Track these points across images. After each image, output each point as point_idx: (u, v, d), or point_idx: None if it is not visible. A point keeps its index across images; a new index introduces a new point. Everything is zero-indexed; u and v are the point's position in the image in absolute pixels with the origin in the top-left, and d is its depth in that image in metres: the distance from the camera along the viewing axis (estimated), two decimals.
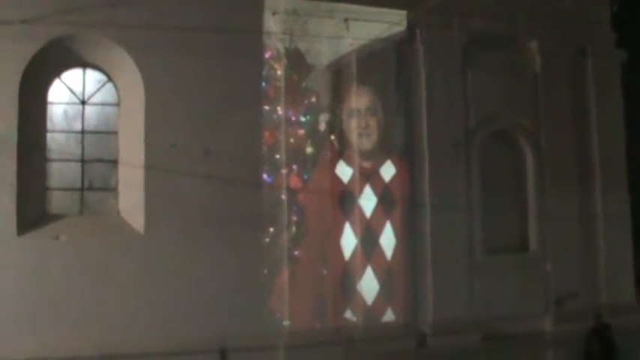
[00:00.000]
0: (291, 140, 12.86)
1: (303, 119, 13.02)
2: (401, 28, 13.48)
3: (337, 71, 13.21)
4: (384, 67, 13.46)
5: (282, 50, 12.89)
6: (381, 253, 13.24)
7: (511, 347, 13.65)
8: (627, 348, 14.22)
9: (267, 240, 12.62)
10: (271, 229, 12.62)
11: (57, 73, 12.36)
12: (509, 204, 14.44)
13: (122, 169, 12.33)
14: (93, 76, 12.57)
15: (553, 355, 14.12)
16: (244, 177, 12.22)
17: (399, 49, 13.57)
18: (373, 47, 13.20)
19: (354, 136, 13.33)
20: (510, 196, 14.53)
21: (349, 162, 13.27)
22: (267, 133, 12.75)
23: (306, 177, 12.97)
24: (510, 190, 14.56)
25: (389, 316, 13.22)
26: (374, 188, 13.29)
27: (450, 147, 13.64)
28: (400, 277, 13.32)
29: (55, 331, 11.44)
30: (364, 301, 13.05)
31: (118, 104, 12.57)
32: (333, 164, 13.18)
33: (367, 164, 13.37)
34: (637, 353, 14.52)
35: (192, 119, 12.29)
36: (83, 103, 12.50)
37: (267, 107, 12.80)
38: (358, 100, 13.34)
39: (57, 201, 12.32)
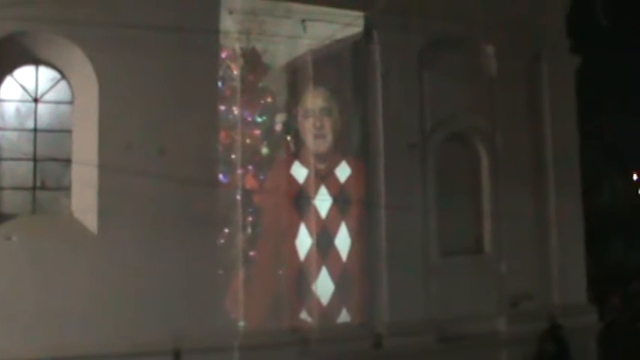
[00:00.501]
0: (247, 140, 12.77)
1: (259, 119, 12.95)
2: (358, 28, 13.47)
3: (294, 71, 13.18)
4: (340, 67, 13.47)
5: (238, 50, 12.79)
6: (337, 253, 13.24)
7: (466, 348, 13.74)
8: (580, 348, 14.45)
9: (223, 241, 12.51)
10: (226, 230, 12.52)
11: (9, 70, 12.11)
12: (465, 205, 14.53)
13: (75, 168, 12.14)
14: (46, 74, 12.34)
15: (507, 355, 14.20)
16: (200, 177, 12.12)
17: (355, 49, 13.56)
18: (330, 48, 13.18)
19: (309, 137, 13.31)
20: (466, 197, 14.62)
21: (304, 163, 13.24)
22: (223, 133, 12.66)
23: (261, 177, 12.90)
24: (466, 191, 14.64)
25: (344, 316, 13.21)
26: (329, 189, 13.28)
27: (406, 148, 13.65)
28: (356, 278, 13.32)
29: (7, 334, 11.23)
30: (319, 302, 13.03)
31: (71, 102, 12.38)
32: (288, 165, 13.14)
33: (322, 165, 13.35)
34: (589, 353, 14.76)
35: (147, 118, 12.13)
36: (36, 100, 12.30)
37: (223, 107, 12.71)
38: (314, 100, 13.33)
39: (8, 200, 12.08)
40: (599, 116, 21.09)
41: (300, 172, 13.22)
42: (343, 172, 13.46)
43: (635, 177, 29.85)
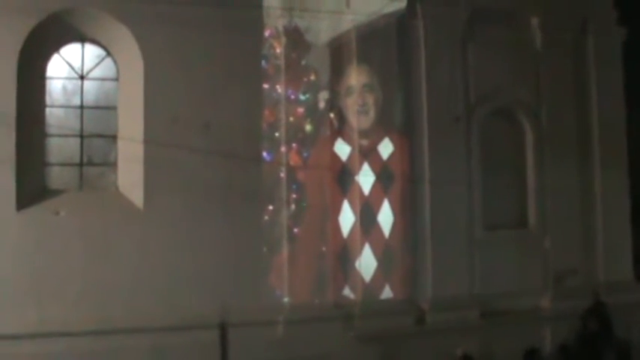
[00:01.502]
0: (291, 118, 12.83)
1: (302, 97, 12.99)
2: (402, 3, 13.40)
3: (337, 48, 13.14)
4: (384, 43, 13.38)
5: (281, 28, 12.82)
6: (380, 230, 13.26)
7: (509, 323, 13.72)
8: (624, 326, 14.29)
9: (267, 217, 12.63)
10: (270, 207, 12.64)
11: (56, 47, 12.28)
12: (509, 180, 14.46)
13: (121, 144, 12.31)
14: (92, 51, 12.50)
15: (550, 331, 14.13)
16: (244, 153, 12.25)
17: (399, 24, 13.48)
18: (373, 23, 13.14)
19: (352, 114, 13.29)
20: (510, 172, 14.54)
21: (347, 140, 13.26)
22: (266, 111, 12.73)
23: (305, 154, 12.96)
24: (510, 166, 14.56)
25: (387, 293, 13.28)
26: (372, 165, 13.29)
27: (450, 122, 13.61)
28: (398, 254, 13.36)
29: (56, 306, 11.49)
30: (362, 278, 13.11)
31: (117, 79, 12.50)
32: (331, 142, 13.17)
33: (365, 142, 13.35)
34: (633, 331, 14.59)
35: (191, 94, 12.25)
36: (82, 78, 12.44)
37: (266, 85, 12.75)
38: (357, 77, 13.29)
39: (56, 176, 12.31)
40: None
41: (343, 149, 13.23)
42: (386, 148, 13.45)
43: None
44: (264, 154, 12.68)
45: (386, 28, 13.34)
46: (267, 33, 12.79)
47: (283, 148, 12.77)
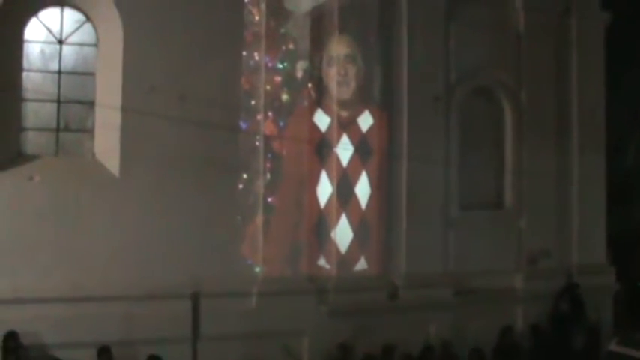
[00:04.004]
0: (267, 87, 12.74)
1: (279, 66, 12.89)
2: None
3: (317, 18, 13.02)
4: (365, 16, 13.26)
5: None
6: (357, 202, 13.22)
7: (482, 302, 13.81)
8: (595, 307, 14.44)
9: (242, 186, 12.58)
10: (245, 176, 12.58)
11: (34, 11, 12.13)
12: (487, 160, 14.47)
13: (99, 111, 12.20)
14: (71, 16, 12.34)
15: (523, 311, 14.21)
16: (221, 122, 12.15)
17: None
18: None
19: (332, 85, 13.21)
20: (488, 152, 14.56)
21: (327, 110, 13.19)
22: (243, 79, 12.63)
23: (281, 124, 12.89)
24: (488, 146, 14.58)
25: (362, 264, 13.24)
26: (351, 137, 13.22)
27: (430, 100, 13.57)
28: (375, 228, 13.34)
29: (30, 272, 11.42)
30: (338, 249, 13.08)
31: (96, 45, 12.40)
32: (310, 112, 13.09)
33: (345, 113, 13.27)
34: (605, 312, 14.75)
35: (170, 62, 12.14)
36: (60, 42, 12.32)
37: (244, 53, 12.66)
38: (338, 47, 13.19)
39: (32, 142, 12.21)
40: (628, 76, 20.72)
41: (322, 120, 13.16)
42: (366, 121, 13.37)
43: None
44: (240, 122, 12.61)
45: (368, 1, 13.26)
46: (246, 0, 12.67)
47: (259, 117, 12.69)
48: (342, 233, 13.13)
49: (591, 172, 15.17)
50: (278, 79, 12.85)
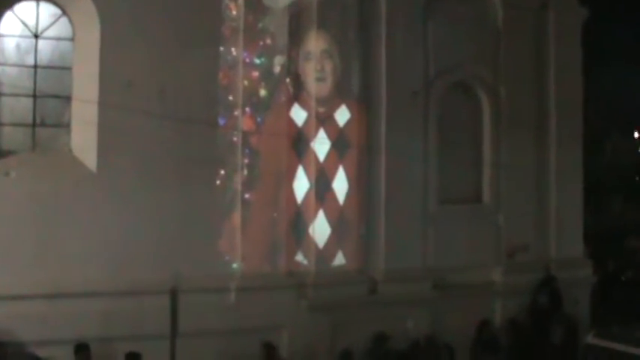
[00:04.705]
0: (245, 82, 12.68)
1: (257, 61, 12.83)
2: None
3: (295, 14, 12.98)
4: (344, 11, 13.21)
5: None
6: (334, 197, 13.20)
7: (461, 296, 13.86)
8: (572, 301, 14.54)
9: (219, 182, 12.54)
10: (222, 172, 12.53)
11: (9, 5, 11.97)
12: (465, 155, 14.46)
13: (75, 106, 12.09)
14: (47, 9, 12.20)
15: (501, 305, 14.25)
16: (199, 117, 12.07)
17: None
18: None
19: (309, 80, 13.17)
20: (466, 147, 14.55)
21: (304, 105, 13.14)
22: (221, 74, 12.57)
23: (259, 120, 12.85)
24: (467, 141, 14.57)
25: (340, 259, 13.23)
26: (328, 132, 13.19)
27: (408, 95, 13.57)
28: (353, 222, 13.32)
29: (5, 270, 11.30)
30: (316, 245, 13.05)
31: (72, 39, 12.28)
32: (287, 107, 13.05)
33: (322, 108, 13.23)
34: (582, 306, 14.85)
35: (148, 56, 12.04)
36: (36, 36, 12.19)
37: (221, 48, 12.60)
38: (315, 43, 13.15)
39: (8, 137, 12.07)
40: (604, 72, 20.93)
41: (299, 115, 13.11)
42: (343, 115, 13.34)
43: (636, 135, 29.76)
44: (219, 118, 12.56)
45: None
46: None
47: (237, 113, 12.64)
48: (320, 229, 13.09)
49: (569, 166, 15.24)
50: (256, 74, 12.79)
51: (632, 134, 30.01)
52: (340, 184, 13.27)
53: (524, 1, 14.80)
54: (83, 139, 12.05)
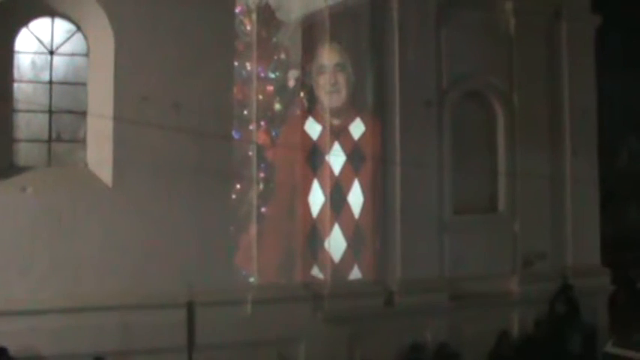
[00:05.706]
0: (260, 96, 12.72)
1: (272, 75, 12.88)
2: None
3: (308, 27, 13.03)
4: (356, 23, 13.27)
5: (251, 5, 12.69)
6: (349, 210, 13.21)
7: (478, 306, 13.80)
8: (590, 309, 14.46)
9: (235, 196, 12.56)
10: (238, 186, 12.56)
11: (24, 22, 12.09)
12: (480, 164, 14.43)
13: (91, 121, 12.17)
14: (62, 26, 12.31)
15: (519, 314, 14.20)
16: (214, 131, 12.10)
17: (373, 4, 13.40)
18: (347, 3, 13.07)
19: (323, 93, 13.21)
20: (481, 156, 14.53)
21: (318, 119, 13.18)
22: (235, 89, 12.62)
23: (274, 133, 12.89)
24: (481, 150, 14.56)
25: (356, 273, 13.24)
26: (343, 145, 13.20)
27: (422, 106, 13.57)
28: (368, 235, 13.32)
29: (24, 284, 11.38)
30: (332, 259, 13.06)
31: (87, 55, 12.37)
32: (302, 121, 13.07)
33: (336, 121, 13.26)
34: (599, 313, 14.76)
35: (162, 71, 12.11)
36: (51, 53, 12.29)
37: (236, 62, 12.65)
38: (329, 56, 13.19)
39: (24, 153, 12.16)
40: (618, 78, 20.80)
41: (313, 128, 13.15)
42: (357, 128, 13.36)
43: None
44: (233, 132, 12.58)
45: (359, 8, 13.24)
46: (237, 10, 12.64)
47: (252, 127, 12.67)
48: (336, 242, 13.10)
49: (584, 174, 15.15)
50: (270, 88, 12.85)
51: None
52: (355, 197, 13.28)
53: (536, 9, 14.78)
54: (99, 154, 12.12)
